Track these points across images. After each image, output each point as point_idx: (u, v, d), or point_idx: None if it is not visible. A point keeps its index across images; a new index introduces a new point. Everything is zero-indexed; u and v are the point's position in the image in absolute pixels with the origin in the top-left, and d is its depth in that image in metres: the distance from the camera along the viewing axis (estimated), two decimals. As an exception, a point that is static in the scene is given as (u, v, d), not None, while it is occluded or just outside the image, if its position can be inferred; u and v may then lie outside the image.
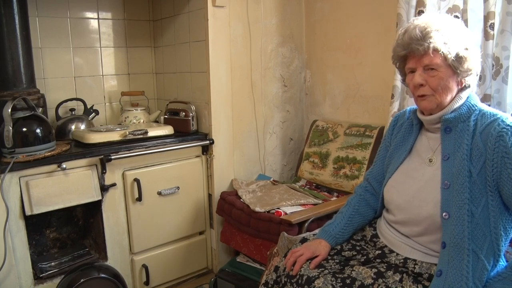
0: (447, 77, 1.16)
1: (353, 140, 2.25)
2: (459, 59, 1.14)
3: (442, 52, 1.13)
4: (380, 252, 1.28)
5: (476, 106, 1.19)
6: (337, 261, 1.32)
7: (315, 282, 1.20)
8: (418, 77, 1.18)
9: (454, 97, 1.20)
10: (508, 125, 1.10)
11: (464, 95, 1.20)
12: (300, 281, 1.25)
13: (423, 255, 1.21)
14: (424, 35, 1.15)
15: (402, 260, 1.22)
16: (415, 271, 1.19)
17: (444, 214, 1.14)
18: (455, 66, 1.15)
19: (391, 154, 1.39)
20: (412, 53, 1.19)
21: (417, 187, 1.23)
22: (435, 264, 1.17)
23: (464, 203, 1.10)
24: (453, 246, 1.10)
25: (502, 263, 1.15)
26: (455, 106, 1.19)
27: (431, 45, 1.13)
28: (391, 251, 1.27)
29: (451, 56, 1.14)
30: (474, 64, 1.18)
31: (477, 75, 1.22)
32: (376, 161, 1.49)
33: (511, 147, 1.07)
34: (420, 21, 1.19)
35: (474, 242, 1.09)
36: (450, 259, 1.10)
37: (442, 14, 1.27)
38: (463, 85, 1.20)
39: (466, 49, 1.16)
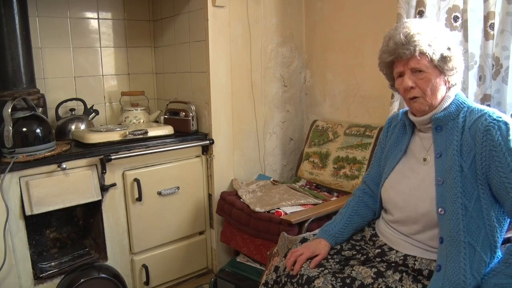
0: (435, 77, 1.20)
1: (353, 140, 2.25)
2: (443, 59, 1.18)
3: (428, 54, 1.17)
4: (379, 250, 1.29)
5: (464, 103, 1.23)
6: (337, 260, 1.32)
7: (315, 282, 1.20)
8: (408, 80, 1.21)
9: (444, 96, 1.23)
10: (495, 119, 1.13)
11: (451, 93, 1.24)
12: (300, 281, 1.25)
13: (423, 252, 1.22)
14: (409, 40, 1.18)
15: (402, 257, 1.23)
16: (415, 267, 1.20)
17: (439, 209, 1.16)
18: (441, 66, 1.19)
19: (387, 155, 1.41)
20: (398, 58, 1.23)
21: (413, 185, 1.25)
22: (435, 260, 1.18)
23: (457, 197, 1.12)
24: (450, 240, 1.12)
25: (500, 254, 1.16)
26: (444, 105, 1.22)
27: (417, 48, 1.17)
28: (391, 249, 1.28)
29: (436, 57, 1.17)
30: (458, 62, 1.21)
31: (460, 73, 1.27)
32: (373, 163, 1.51)
33: (498, 141, 1.10)
34: (402, 27, 1.23)
35: (469, 235, 1.11)
36: (448, 253, 1.12)
37: (422, 19, 1.32)
38: (450, 83, 1.23)
39: (449, 48, 1.20)
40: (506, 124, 1.12)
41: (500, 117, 1.13)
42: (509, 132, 1.11)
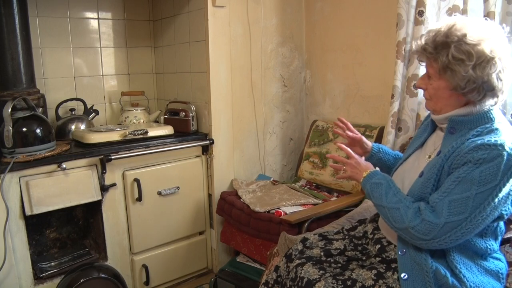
0: (441, 88, 1.15)
1: (353, 140, 2.24)
2: (449, 71, 1.11)
3: (433, 64, 1.15)
4: (379, 246, 1.29)
5: (492, 120, 1.14)
6: (338, 265, 1.32)
7: (316, 285, 1.20)
8: (419, 81, 1.24)
9: (464, 105, 1.16)
10: (495, 144, 1.05)
11: (478, 108, 1.15)
12: (300, 283, 1.25)
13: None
14: (422, 44, 1.16)
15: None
16: None
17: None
18: (447, 78, 1.12)
19: (410, 145, 1.43)
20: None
21: (413, 178, 1.25)
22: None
23: (426, 192, 1.16)
24: None
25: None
26: (464, 112, 1.16)
27: (419, 57, 1.18)
28: (389, 243, 1.28)
29: (438, 68, 1.13)
30: (467, 80, 1.09)
31: (480, 91, 1.11)
32: None
33: (478, 159, 1.05)
34: (435, 25, 1.18)
35: None
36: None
37: (466, 19, 1.16)
38: (466, 98, 1.14)
39: (462, 64, 1.08)
40: (499, 156, 1.04)
41: (503, 148, 1.04)
42: (492, 163, 1.04)
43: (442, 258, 1.15)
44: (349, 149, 1.36)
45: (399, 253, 1.19)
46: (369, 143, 1.51)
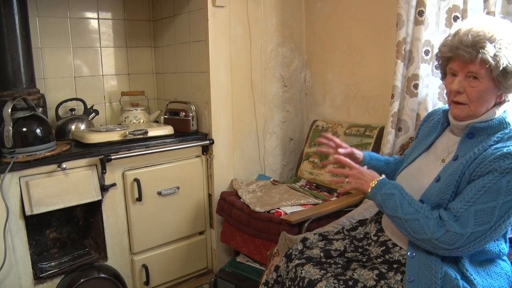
0: (488, 89, 1.11)
1: (353, 140, 2.24)
2: (505, 74, 1.08)
3: (490, 65, 1.06)
4: (384, 247, 1.28)
5: (509, 125, 1.14)
6: (339, 266, 1.31)
7: (318, 285, 1.20)
8: (457, 84, 1.14)
9: (490, 109, 1.15)
10: None
11: (500, 110, 1.15)
12: (301, 283, 1.24)
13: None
14: (475, 43, 1.07)
15: (405, 256, 1.22)
16: None
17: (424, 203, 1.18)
18: (499, 80, 1.09)
19: (414, 146, 1.41)
20: (457, 57, 1.12)
21: (424, 183, 1.23)
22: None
23: (443, 202, 1.13)
24: None
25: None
26: (487, 118, 1.15)
27: (479, 56, 1.07)
28: (395, 245, 1.27)
29: (497, 70, 1.07)
30: None
31: None
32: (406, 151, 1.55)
33: (505, 168, 1.05)
34: (474, 25, 1.11)
35: None
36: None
37: (502, 19, 1.14)
38: (502, 99, 1.14)
39: None
40: None
41: None
42: None
43: (452, 261, 1.15)
44: (348, 160, 1.32)
45: (409, 255, 1.17)
46: (360, 153, 1.48)
